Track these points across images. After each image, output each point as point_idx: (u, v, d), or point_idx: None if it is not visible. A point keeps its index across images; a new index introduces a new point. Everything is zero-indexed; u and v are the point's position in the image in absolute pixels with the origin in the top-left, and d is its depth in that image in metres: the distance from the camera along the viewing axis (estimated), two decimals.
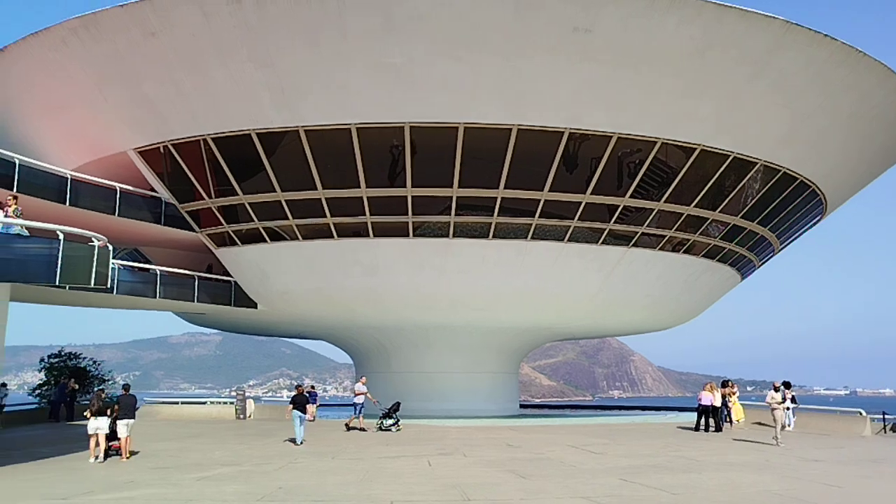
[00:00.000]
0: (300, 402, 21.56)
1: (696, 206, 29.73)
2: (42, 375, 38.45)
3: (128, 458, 17.63)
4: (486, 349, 36.85)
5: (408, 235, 28.45)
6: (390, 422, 26.08)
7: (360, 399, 25.97)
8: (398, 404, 26.92)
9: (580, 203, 28.19)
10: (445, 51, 24.11)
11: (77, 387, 34.58)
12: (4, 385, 29.80)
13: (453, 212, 27.86)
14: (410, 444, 21.21)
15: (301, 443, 21.01)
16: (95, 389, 31.67)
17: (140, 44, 25.10)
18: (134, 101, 27.46)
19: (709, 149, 27.67)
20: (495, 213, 27.95)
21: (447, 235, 28.42)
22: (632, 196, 28.58)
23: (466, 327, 34.15)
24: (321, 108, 25.80)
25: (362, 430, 25.54)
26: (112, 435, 17.74)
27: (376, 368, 37.90)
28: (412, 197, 27.51)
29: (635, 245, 30.27)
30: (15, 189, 24.02)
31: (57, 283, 16.17)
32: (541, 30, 23.61)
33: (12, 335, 18.46)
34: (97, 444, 17.25)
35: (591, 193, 28.02)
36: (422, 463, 16.69)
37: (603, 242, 29.73)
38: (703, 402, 26.02)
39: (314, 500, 11.82)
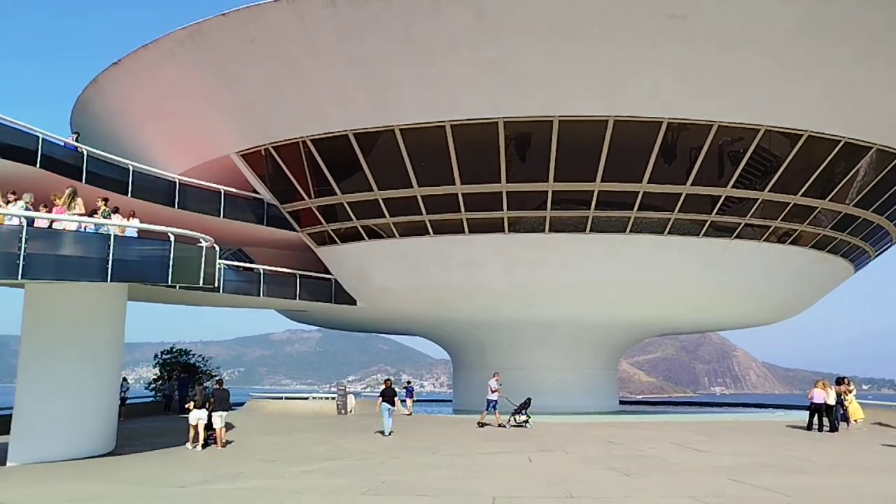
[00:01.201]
0: (388, 395, 22.46)
1: (803, 194, 28.45)
2: (156, 371, 40.38)
3: (223, 446, 18.88)
4: (584, 345, 36.37)
5: (503, 231, 28.39)
6: (523, 418, 25.74)
7: (494, 396, 25.47)
8: (529, 400, 26.38)
9: (680, 194, 27.45)
10: (539, 44, 23.91)
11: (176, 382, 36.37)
12: (125, 380, 31.39)
13: (549, 206, 27.62)
14: (510, 441, 21.14)
15: (389, 434, 21.85)
16: (197, 386, 33.14)
17: (241, 50, 26.00)
18: (236, 106, 28.47)
19: (817, 134, 26.42)
20: (592, 207, 27.55)
21: (543, 230, 28.21)
22: (734, 186, 27.62)
23: (564, 323, 33.80)
24: (416, 107, 26.05)
25: (500, 426, 25.33)
26: (209, 425, 19.09)
27: (473, 364, 37.99)
28: (507, 192, 27.42)
29: (738, 237, 29.24)
30: (129, 194, 25.33)
31: (169, 283, 16.89)
32: (636, 18, 23.13)
33: (127, 333, 19.42)
34: (197, 434, 18.72)
35: (692, 184, 27.24)
36: (522, 459, 16.59)
37: (704, 234, 28.87)
38: (815, 401, 24.81)
39: (417, 494, 11.90)
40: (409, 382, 38.65)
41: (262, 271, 30.42)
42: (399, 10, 23.56)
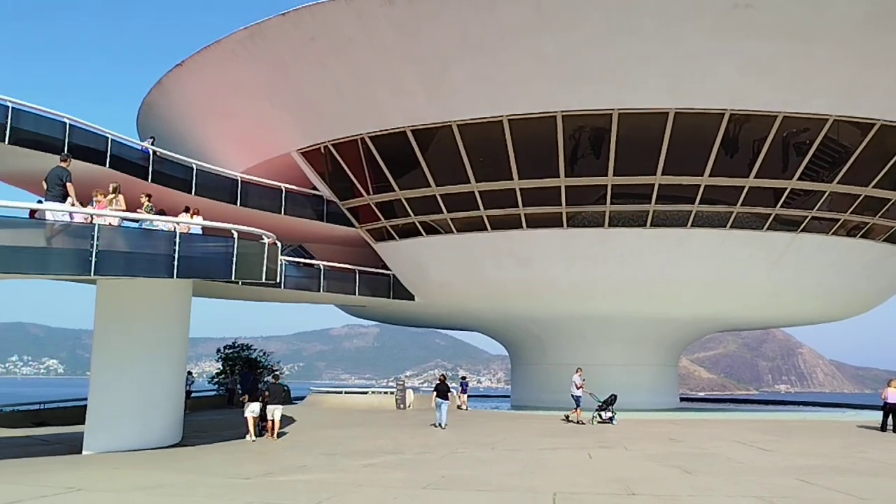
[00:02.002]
0: (442, 390, 23.87)
1: (875, 186, 27.52)
2: (219, 365, 41.28)
3: (276, 438, 19.53)
4: (644, 341, 35.90)
5: (562, 226, 28.21)
6: (608, 414, 25.39)
7: (579, 392, 25.22)
8: (614, 397, 26.01)
9: (743, 187, 26.87)
10: (599, 38, 23.67)
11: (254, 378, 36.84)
12: (190, 373, 32.15)
13: (608, 200, 27.34)
14: (569, 437, 20.99)
15: (444, 426, 22.99)
16: (258, 380, 33.93)
17: (301, 49, 26.37)
18: (296, 104, 28.89)
19: (891, 123, 25.50)
20: (652, 201, 27.16)
21: (602, 225, 27.92)
22: (800, 178, 26.91)
23: (624, 319, 33.40)
24: (473, 102, 26.06)
25: (579, 422, 25.03)
26: (262, 416, 19.93)
27: (532, 360, 37.85)
28: (566, 187, 27.23)
29: (805, 230, 28.46)
30: (193, 192, 25.94)
31: (232, 279, 17.22)
32: (699, 8, 22.70)
33: (191, 328, 19.95)
34: (254, 426, 19.56)
35: (755, 177, 26.64)
36: (582, 455, 16.45)
37: (769, 228, 28.19)
38: (889, 400, 23.91)
39: (477, 489, 11.89)
40: (463, 378, 38.70)
41: (322, 267, 30.79)
42: (456, 5, 23.61)
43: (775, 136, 25.68)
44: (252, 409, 19.72)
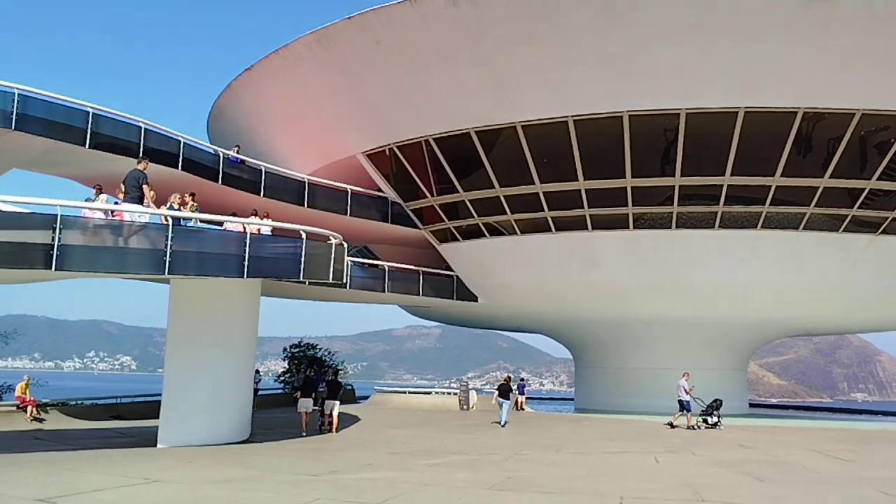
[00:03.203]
0: (503, 390, 25.17)
1: None
2: (285, 364, 41.97)
3: (336, 432, 20.61)
4: (712, 344, 35.11)
5: (627, 227, 27.84)
6: (714, 420, 24.76)
7: (686, 396, 24.50)
8: (720, 402, 25.42)
9: (817, 188, 26.05)
10: (667, 37, 23.29)
11: (313, 375, 37.38)
12: (258, 371, 32.79)
13: (675, 202, 26.85)
14: (635, 441, 20.68)
15: (504, 424, 23.89)
16: (313, 378, 34.83)
17: (367, 52, 26.65)
18: (362, 106, 29.23)
19: None
20: (721, 202, 26.56)
21: (669, 227, 27.44)
22: (880, 178, 25.89)
23: (691, 322, 32.74)
24: (538, 103, 25.95)
25: (690, 428, 24.27)
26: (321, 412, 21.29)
27: (596, 363, 37.44)
28: (632, 188, 26.86)
29: (885, 232, 27.39)
30: (262, 194, 26.49)
31: (300, 279, 17.51)
32: (773, 5, 22.06)
33: (258, 327, 20.42)
34: (306, 420, 20.72)
35: (830, 177, 25.76)
36: (649, 460, 16.17)
37: (845, 230, 27.25)
38: None
39: (543, 491, 11.79)
40: (522, 380, 38.65)
41: (386, 268, 31.04)
42: (521, 6, 23.50)
43: (852, 134, 24.82)
44: (305, 405, 20.92)
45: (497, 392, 25.53)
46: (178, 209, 17.33)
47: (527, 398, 36.18)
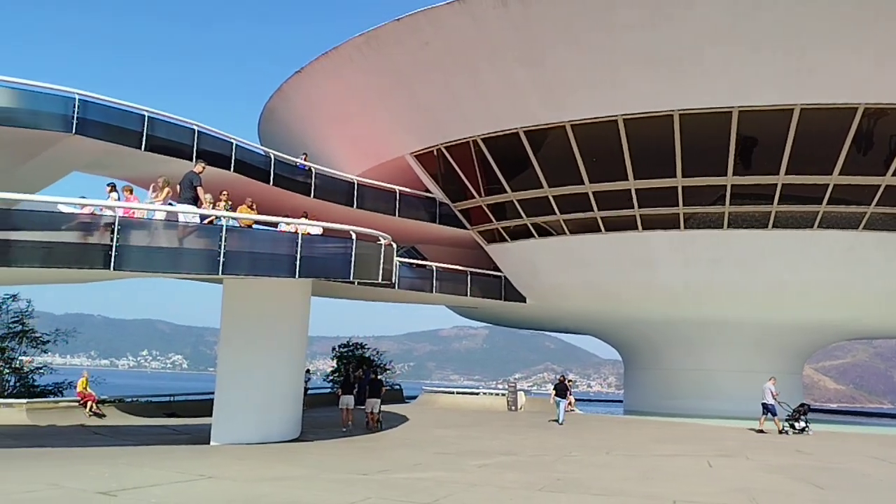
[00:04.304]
0: (560, 389, 26.79)
1: None
2: (333, 363, 42.39)
3: (375, 424, 21.86)
4: (766, 347, 34.32)
5: (679, 228, 27.42)
6: (801, 424, 24.21)
7: (773, 400, 24.06)
8: (807, 406, 25.04)
9: (878, 186, 25.30)
10: (716, 33, 22.93)
11: (362, 375, 37.61)
12: (308, 371, 33.12)
13: (727, 201, 26.38)
14: (686, 444, 20.37)
15: (561, 422, 25.07)
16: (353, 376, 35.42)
17: (415, 53, 26.77)
18: (410, 107, 29.35)
19: None
20: (775, 201, 26.00)
21: (721, 226, 26.96)
22: None
23: (744, 323, 32.08)
24: (587, 102, 25.76)
25: (781, 432, 23.79)
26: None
27: (645, 365, 36.98)
28: (682, 187, 26.46)
29: None
30: (312, 195, 26.81)
31: (350, 279, 17.65)
32: None
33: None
34: (348, 416, 21.63)
35: (893, 175, 24.98)
36: (701, 463, 15.91)
37: None
38: None
39: (593, 493, 11.70)
40: (569, 381, 38.40)
41: (434, 268, 31.10)
42: (570, 5, 23.37)
43: None
44: (346, 402, 21.95)
45: (554, 391, 27.28)
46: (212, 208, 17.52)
47: (575, 399, 35.90)
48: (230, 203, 18.81)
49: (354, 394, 22.25)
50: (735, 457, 17.28)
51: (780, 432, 23.66)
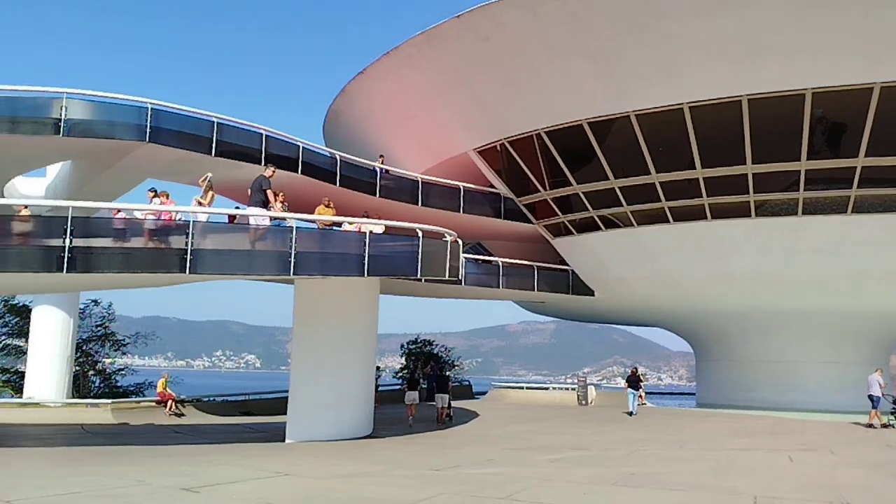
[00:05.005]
0: (633, 382, 27.26)
1: None
2: (402, 360, 42.79)
3: (443, 420, 22.57)
4: (846, 337, 33.08)
5: (750, 216, 26.71)
6: None
7: (878, 392, 23.21)
8: None
9: None
10: (783, 12, 22.21)
11: (430, 372, 37.89)
12: (379, 368, 33.51)
13: (801, 187, 25.56)
14: (764, 437, 19.85)
15: (634, 413, 25.84)
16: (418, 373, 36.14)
17: (474, 50, 26.76)
18: (472, 103, 29.37)
19: None
20: (854, 185, 25.05)
21: (795, 213, 26.14)
22: None
23: (822, 313, 30.96)
24: (651, 91, 25.33)
25: (870, 426, 22.77)
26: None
27: (719, 356, 36.19)
28: (753, 174, 25.77)
29: None
30: (377, 194, 27.09)
31: (417, 276, 17.80)
32: None
33: None
34: (413, 412, 22.49)
35: None
36: (780, 458, 15.47)
37: None
38: None
39: (668, 488, 11.52)
40: (640, 375, 37.91)
41: (500, 263, 31.01)
42: None
43: None
44: (411, 398, 22.96)
45: (627, 383, 27.96)
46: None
47: (645, 393, 35.39)
48: (286, 204, 19.20)
49: (420, 390, 22.72)
50: (818, 451, 16.75)
51: (885, 426, 22.74)
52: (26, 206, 16.82)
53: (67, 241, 14.29)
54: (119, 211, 16.70)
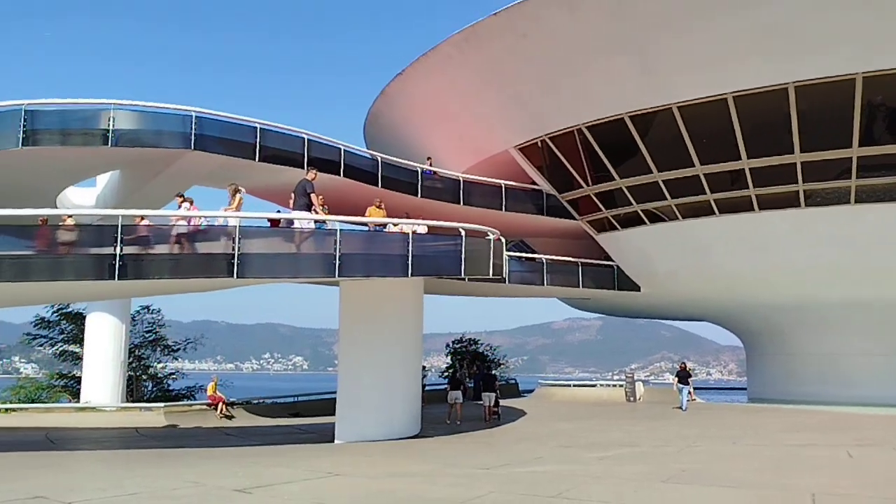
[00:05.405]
0: (682, 376, 27.54)
1: None
2: (447, 359, 42.83)
3: (491, 417, 22.87)
4: None
5: (799, 206, 26.14)
6: None
7: None
8: None
9: None
10: None
11: (476, 371, 37.89)
12: (424, 368, 33.61)
13: (854, 174, 24.90)
14: (821, 432, 19.40)
15: (685, 409, 26.01)
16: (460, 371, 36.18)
17: (513, 47, 26.67)
18: (511, 101, 29.27)
19: None
20: None
21: (848, 202, 25.48)
22: None
23: (882, 304, 30.01)
24: (693, 82, 24.95)
25: None
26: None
27: (768, 350, 35.51)
28: (801, 163, 25.21)
29: None
30: (419, 195, 27.18)
31: (461, 276, 17.79)
32: None
33: None
34: (457, 409, 22.86)
35: None
36: (839, 453, 15.05)
37: None
38: None
39: (722, 485, 11.30)
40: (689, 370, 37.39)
41: (544, 260, 30.83)
42: None
43: None
44: (454, 397, 23.21)
45: (676, 378, 27.97)
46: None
47: (694, 388, 34.89)
48: (326, 207, 19.37)
49: (466, 389, 22.89)
50: (880, 446, 16.25)
51: None
52: (70, 216, 17.27)
53: (118, 248, 14.63)
54: (142, 218, 16.86)
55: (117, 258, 14.60)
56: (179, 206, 17.59)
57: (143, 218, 16.76)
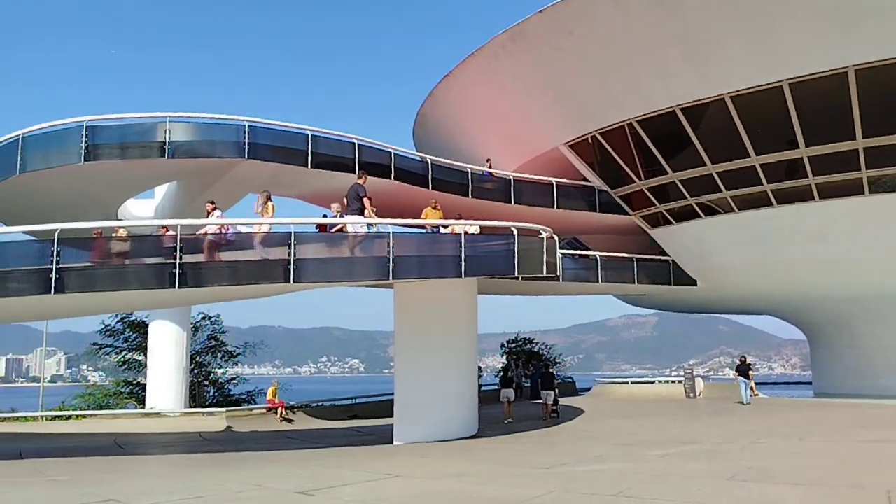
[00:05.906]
0: (743, 370, 27.45)
1: None
2: (503, 359, 42.76)
3: (550, 415, 23.03)
4: None
5: (862, 193, 25.36)
6: None
7: None
8: None
9: None
10: None
11: (533, 370, 37.74)
12: (479, 368, 33.58)
13: None
14: (891, 428, 18.80)
15: (746, 403, 26.23)
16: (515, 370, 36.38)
17: (560, 43, 26.49)
18: (560, 98, 29.08)
19: None
20: None
21: None
22: None
23: None
24: (746, 71, 24.43)
25: None
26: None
27: (835, 343, 34.54)
28: (864, 149, 24.45)
29: None
30: (469, 195, 27.17)
31: (514, 275, 17.72)
32: None
33: None
34: (509, 408, 23.27)
35: None
36: None
37: None
38: None
39: (790, 482, 11.00)
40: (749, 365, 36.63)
41: (598, 258, 30.56)
42: None
43: None
44: (506, 395, 23.57)
45: (737, 373, 28.05)
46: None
47: (756, 383, 34.15)
48: (374, 209, 19.52)
49: (521, 388, 22.96)
50: None
51: None
52: (124, 228, 17.73)
53: (178, 258, 14.97)
54: (167, 229, 17.05)
55: (177, 267, 14.94)
56: (209, 214, 17.82)
57: (167, 229, 16.91)
